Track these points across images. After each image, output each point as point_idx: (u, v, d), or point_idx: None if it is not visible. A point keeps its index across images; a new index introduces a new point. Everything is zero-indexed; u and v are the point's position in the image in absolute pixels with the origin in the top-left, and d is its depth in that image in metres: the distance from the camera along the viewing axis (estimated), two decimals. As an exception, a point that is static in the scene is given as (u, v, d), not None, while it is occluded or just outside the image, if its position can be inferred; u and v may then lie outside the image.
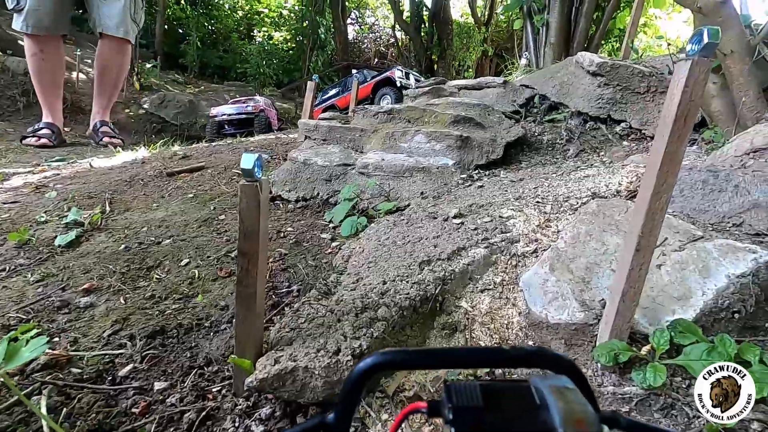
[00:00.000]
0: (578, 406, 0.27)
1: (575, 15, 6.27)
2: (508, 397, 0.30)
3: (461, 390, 0.30)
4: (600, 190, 1.75)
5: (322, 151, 2.83)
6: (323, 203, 2.56)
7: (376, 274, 1.33)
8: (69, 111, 9.01)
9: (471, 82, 3.56)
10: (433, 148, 2.67)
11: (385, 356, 0.34)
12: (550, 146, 2.93)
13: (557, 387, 0.29)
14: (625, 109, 2.88)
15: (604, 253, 1.39)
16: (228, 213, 2.51)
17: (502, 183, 2.17)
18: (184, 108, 10.45)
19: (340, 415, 0.34)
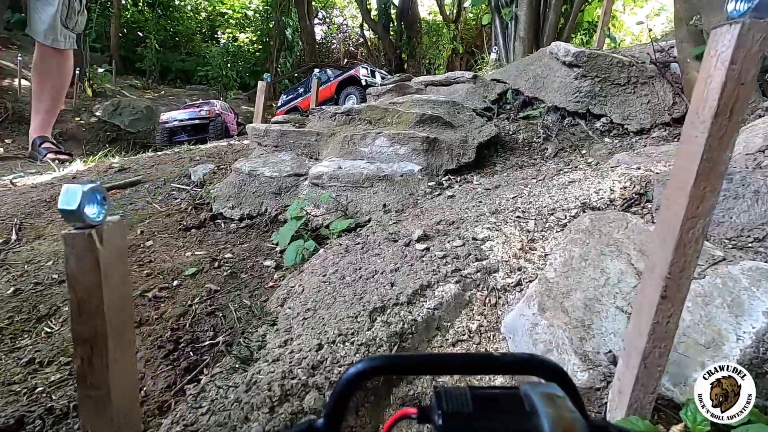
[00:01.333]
0: (567, 414, 0.27)
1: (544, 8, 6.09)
2: (498, 404, 0.30)
3: (451, 396, 0.30)
4: (590, 199, 1.47)
5: (272, 160, 2.47)
6: (271, 221, 2.20)
7: (312, 330, 0.99)
8: (10, 122, 8.31)
9: (438, 77, 3.26)
10: (396, 152, 2.35)
11: (375, 362, 0.34)
12: (526, 145, 2.66)
13: (547, 394, 0.29)
14: (605, 102, 2.64)
15: (606, 284, 1.09)
16: (157, 238, 2.12)
17: (475, 191, 1.87)
18: (140, 114, 9.82)
19: (330, 420, 0.34)
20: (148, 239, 2.11)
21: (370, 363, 0.34)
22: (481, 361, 0.38)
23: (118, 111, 9.77)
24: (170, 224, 2.24)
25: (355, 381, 0.34)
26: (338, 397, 0.34)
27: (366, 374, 0.34)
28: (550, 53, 2.90)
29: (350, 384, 0.34)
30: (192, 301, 1.54)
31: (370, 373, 0.34)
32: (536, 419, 0.28)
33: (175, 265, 1.82)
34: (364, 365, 0.34)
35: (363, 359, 0.35)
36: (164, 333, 1.35)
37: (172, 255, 1.94)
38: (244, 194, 2.33)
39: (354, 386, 0.34)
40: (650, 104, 2.56)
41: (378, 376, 0.35)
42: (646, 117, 2.54)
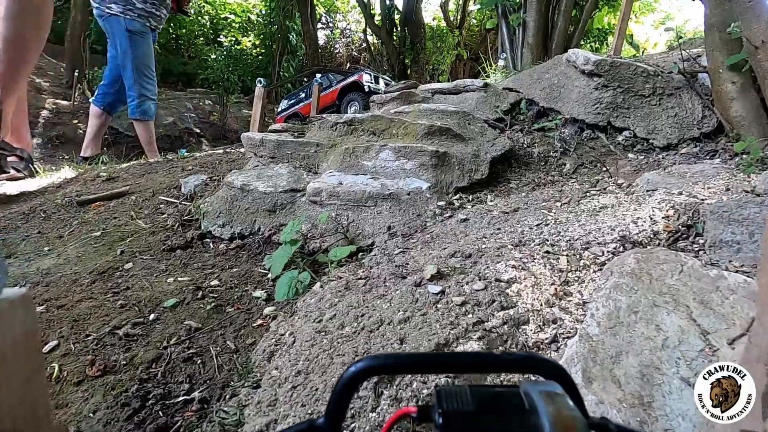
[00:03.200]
0: (567, 412, 0.27)
1: (553, 14, 5.93)
2: (498, 402, 0.30)
3: (451, 395, 0.30)
4: (630, 232, 1.27)
5: (267, 173, 2.28)
6: (264, 242, 2.00)
7: (302, 409, 0.79)
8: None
9: (446, 85, 3.07)
10: (402, 167, 2.15)
11: (375, 361, 0.34)
12: (542, 160, 2.46)
13: (547, 392, 0.29)
14: (628, 115, 2.44)
15: (664, 346, 0.89)
16: (138, 260, 1.92)
17: (491, 215, 1.67)
18: (139, 118, 9.63)
19: (331, 419, 0.34)
20: (128, 261, 1.91)
21: (369, 362, 0.34)
22: (481, 360, 0.39)
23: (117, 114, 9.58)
24: (154, 244, 2.04)
25: (355, 380, 0.33)
26: (338, 396, 0.34)
27: (366, 373, 0.34)
28: (567, 61, 2.71)
29: (350, 383, 0.34)
30: (168, 341, 1.34)
31: (370, 373, 0.34)
32: (536, 418, 0.28)
33: (154, 294, 1.62)
34: (364, 364, 0.34)
35: (363, 358, 0.35)
36: (131, 385, 1.15)
37: (152, 281, 1.74)
38: (235, 211, 2.14)
39: (354, 386, 0.34)
40: (677, 118, 2.37)
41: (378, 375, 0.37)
42: (672, 131, 2.35)
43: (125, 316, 1.47)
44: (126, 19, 2.73)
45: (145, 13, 2.78)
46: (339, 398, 0.34)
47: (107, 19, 2.80)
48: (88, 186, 3.09)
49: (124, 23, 2.75)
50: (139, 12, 2.76)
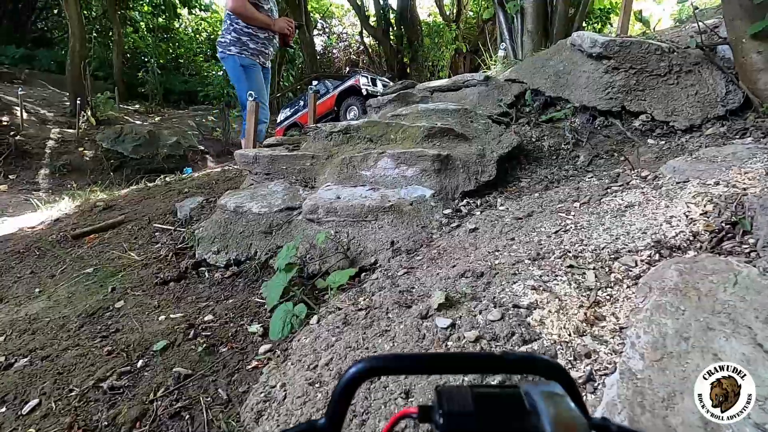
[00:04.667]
0: (568, 412, 0.28)
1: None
2: (499, 403, 0.30)
3: (452, 395, 0.30)
4: (665, 235, 1.10)
5: (261, 192, 2.15)
6: (261, 267, 1.87)
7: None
8: (13, 157, 8.24)
9: (445, 82, 2.91)
10: (403, 174, 2.00)
11: (376, 362, 0.34)
12: (553, 153, 2.29)
13: (548, 393, 0.29)
14: (644, 97, 2.25)
15: (727, 383, 0.72)
16: (130, 297, 1.81)
17: (503, 222, 1.51)
18: (143, 140, 9.68)
19: (331, 419, 0.34)
20: (119, 299, 1.81)
21: (370, 363, 0.34)
22: (482, 360, 0.38)
23: (121, 138, 9.64)
24: (146, 277, 1.93)
25: (356, 381, 0.34)
26: (339, 397, 0.34)
27: (366, 374, 0.34)
28: (571, 45, 2.53)
29: (351, 384, 0.34)
30: (155, 393, 1.22)
31: (370, 373, 0.34)
32: (537, 418, 0.28)
33: (144, 335, 1.50)
34: (365, 365, 0.34)
35: (363, 359, 0.34)
36: (111, 452, 1.03)
37: (142, 320, 1.63)
38: (230, 235, 2.01)
39: (355, 386, 0.34)
40: (698, 96, 2.17)
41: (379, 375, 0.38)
42: (695, 111, 2.15)
43: (112, 365, 1.36)
44: (240, 57, 3.28)
45: (256, 51, 3.33)
46: (339, 399, 0.34)
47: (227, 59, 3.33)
48: (85, 217, 3.02)
49: (238, 60, 3.28)
50: (252, 51, 3.31)
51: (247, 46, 3.28)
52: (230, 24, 3.27)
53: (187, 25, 19.40)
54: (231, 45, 3.27)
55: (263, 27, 3.24)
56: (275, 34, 3.39)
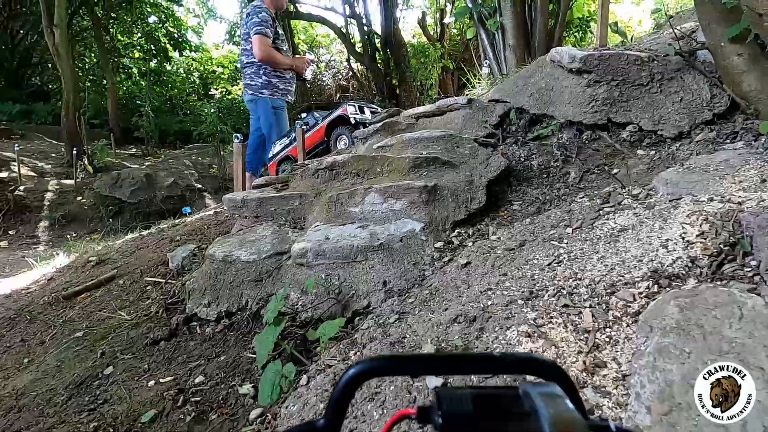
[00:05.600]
0: (567, 413, 0.28)
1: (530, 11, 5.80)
2: (498, 404, 0.30)
3: (451, 396, 0.30)
4: (662, 262, 1.04)
5: (249, 238, 2.11)
6: (253, 318, 1.81)
7: None
8: (12, 212, 8.29)
9: (429, 108, 2.91)
10: (392, 208, 1.96)
11: (374, 363, 0.34)
12: (543, 172, 2.25)
13: (546, 394, 0.29)
14: (629, 108, 2.23)
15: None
16: (119, 361, 1.75)
17: (495, 254, 1.45)
18: (140, 184, 9.75)
19: (330, 420, 0.34)
20: (108, 364, 1.74)
21: (369, 364, 0.34)
22: (480, 361, 0.39)
23: (118, 183, 9.71)
24: (137, 338, 1.87)
25: (355, 382, 0.34)
26: (338, 397, 0.34)
27: (365, 375, 0.34)
28: (551, 61, 2.52)
29: (350, 385, 0.34)
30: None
31: (369, 374, 0.34)
32: (536, 419, 0.28)
33: (132, 405, 1.44)
34: (364, 366, 0.34)
35: (362, 360, 0.34)
36: None
37: (131, 387, 1.56)
38: (220, 286, 1.96)
39: (354, 387, 0.34)
40: (684, 102, 2.14)
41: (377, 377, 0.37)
42: (682, 118, 2.12)
43: (99, 440, 1.29)
44: (272, 98, 3.52)
45: (285, 90, 3.61)
46: (338, 400, 0.34)
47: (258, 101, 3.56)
48: (78, 273, 2.98)
49: (270, 102, 3.51)
50: (282, 91, 3.58)
51: (277, 87, 3.55)
52: (258, 68, 3.50)
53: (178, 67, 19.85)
54: (263, 88, 3.52)
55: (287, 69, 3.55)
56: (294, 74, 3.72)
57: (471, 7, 6.15)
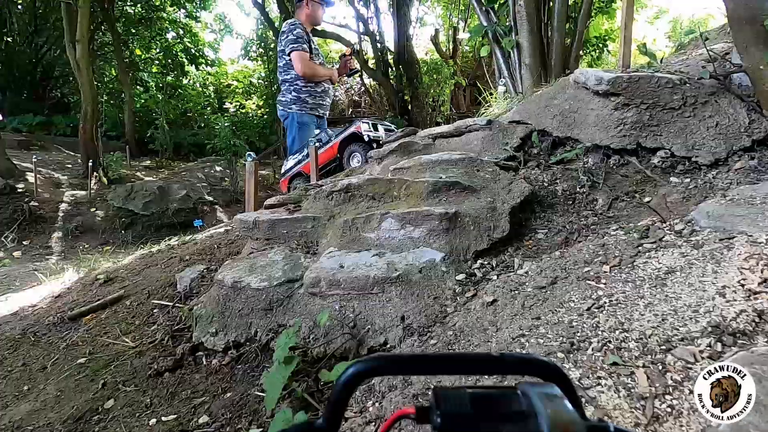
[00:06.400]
0: (566, 414, 0.28)
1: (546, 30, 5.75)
2: (497, 404, 0.30)
3: (450, 396, 0.30)
4: (723, 315, 0.92)
5: (260, 263, 2.02)
6: (262, 350, 1.72)
7: None
8: (27, 222, 8.37)
9: (447, 128, 2.83)
10: (409, 235, 1.87)
11: (373, 362, 0.34)
12: (569, 198, 2.14)
13: (545, 394, 0.29)
14: (659, 132, 2.12)
15: None
16: (120, 394, 1.65)
17: (524, 292, 1.34)
18: (153, 196, 9.81)
19: (329, 419, 0.34)
20: (109, 396, 1.66)
21: (368, 363, 0.34)
22: (479, 361, 0.38)
23: (131, 196, 9.78)
24: (140, 368, 1.79)
25: (354, 381, 0.34)
26: (337, 396, 0.34)
27: (365, 375, 0.34)
28: (575, 83, 2.43)
29: (349, 384, 0.34)
30: None
31: (368, 374, 0.34)
32: (534, 419, 0.27)
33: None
34: (363, 366, 0.34)
35: (361, 359, 0.35)
36: None
37: (132, 426, 1.47)
38: (229, 313, 1.87)
39: (353, 387, 0.34)
40: (719, 127, 2.03)
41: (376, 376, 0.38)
42: (718, 144, 2.00)
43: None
44: (299, 114, 3.69)
45: (315, 105, 3.75)
46: (337, 399, 0.34)
47: (287, 116, 3.77)
48: (85, 292, 2.92)
49: (297, 117, 3.70)
50: (311, 106, 3.72)
51: (306, 102, 3.70)
52: (290, 84, 3.69)
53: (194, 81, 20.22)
54: (292, 104, 3.70)
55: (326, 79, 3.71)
56: (330, 85, 3.86)
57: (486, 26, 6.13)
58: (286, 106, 3.77)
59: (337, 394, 0.34)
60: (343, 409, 0.35)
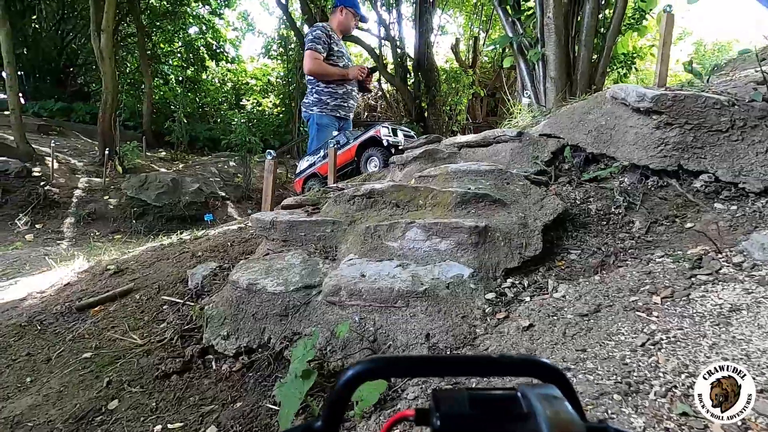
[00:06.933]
0: (565, 415, 0.27)
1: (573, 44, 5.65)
2: (496, 405, 0.30)
3: (449, 398, 0.30)
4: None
5: (277, 266, 1.95)
6: (275, 359, 1.63)
7: None
8: (42, 206, 8.42)
9: (474, 137, 2.74)
10: (435, 247, 1.78)
11: (372, 364, 0.34)
12: (602, 218, 2.03)
13: (544, 395, 0.29)
14: (703, 155, 2.01)
15: None
16: (125, 395, 1.58)
17: (564, 319, 1.24)
18: (166, 188, 9.84)
19: (327, 421, 0.34)
20: (114, 396, 1.58)
21: (367, 365, 0.34)
22: (478, 362, 0.38)
23: (145, 186, 9.82)
24: (147, 368, 1.71)
25: (353, 384, 0.33)
26: (336, 398, 0.34)
27: (363, 376, 0.34)
28: (612, 98, 2.33)
29: (347, 386, 0.33)
30: None
31: (367, 376, 0.34)
32: (534, 421, 0.27)
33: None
34: (362, 367, 0.34)
35: (360, 361, 0.34)
36: None
37: (135, 431, 1.39)
38: (242, 316, 1.80)
39: (352, 389, 0.34)
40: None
41: (375, 378, 0.35)
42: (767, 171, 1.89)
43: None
44: (319, 115, 3.73)
45: (336, 106, 3.76)
46: (336, 401, 0.34)
47: (309, 117, 3.85)
48: (95, 282, 2.87)
49: (316, 118, 3.75)
50: (331, 107, 3.75)
51: (327, 104, 3.73)
52: (312, 86, 3.76)
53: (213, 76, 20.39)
54: (313, 105, 3.76)
55: (340, 79, 3.67)
56: (354, 87, 3.84)
57: (511, 36, 6.04)
58: (308, 107, 3.82)
59: (336, 396, 0.34)
60: (343, 411, 0.34)
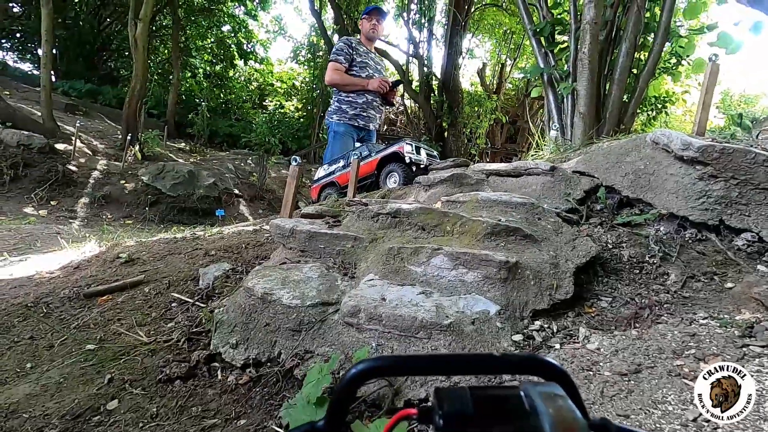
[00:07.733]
0: (568, 413, 0.27)
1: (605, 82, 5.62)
2: (499, 404, 0.29)
3: (452, 396, 0.30)
4: None
5: (293, 277, 1.89)
6: (284, 376, 1.56)
7: None
8: (59, 183, 8.50)
9: (504, 166, 2.68)
10: (461, 278, 1.71)
11: (374, 363, 0.33)
12: (635, 266, 1.95)
13: (547, 394, 0.28)
14: (748, 212, 1.93)
15: None
16: (126, 396, 1.52)
17: (601, 376, 1.16)
18: (182, 178, 9.89)
19: (331, 420, 0.33)
20: (114, 396, 1.52)
21: (371, 364, 0.33)
22: (482, 361, 0.37)
23: (162, 175, 9.88)
24: (151, 369, 1.65)
25: (356, 382, 0.32)
26: (339, 397, 0.33)
27: (367, 375, 0.33)
28: (653, 143, 2.27)
29: (351, 385, 0.33)
30: None
31: (370, 374, 0.33)
32: (537, 419, 0.27)
33: (130, 467, 1.19)
34: (365, 366, 0.33)
35: (363, 360, 0.33)
36: None
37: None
38: (253, 326, 1.73)
39: (355, 387, 0.33)
40: (819, 219, 1.83)
41: (379, 377, 0.34)
42: (816, 237, 1.80)
43: None
44: (336, 123, 3.83)
45: (355, 115, 3.82)
46: (339, 400, 0.33)
47: (329, 125, 3.95)
48: (105, 268, 2.84)
49: (334, 126, 3.86)
50: (350, 116, 3.82)
51: (346, 113, 3.82)
52: (335, 95, 3.89)
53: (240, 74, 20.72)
54: (333, 114, 3.87)
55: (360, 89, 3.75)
56: (376, 98, 3.90)
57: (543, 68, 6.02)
58: (329, 115, 3.93)
59: (339, 395, 0.33)
60: (346, 410, 0.33)
